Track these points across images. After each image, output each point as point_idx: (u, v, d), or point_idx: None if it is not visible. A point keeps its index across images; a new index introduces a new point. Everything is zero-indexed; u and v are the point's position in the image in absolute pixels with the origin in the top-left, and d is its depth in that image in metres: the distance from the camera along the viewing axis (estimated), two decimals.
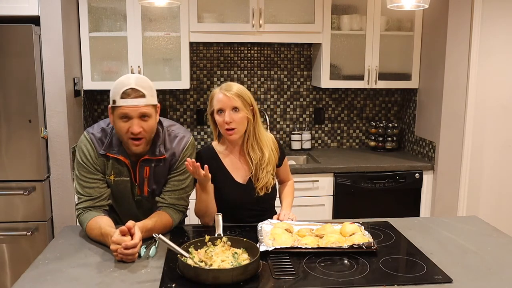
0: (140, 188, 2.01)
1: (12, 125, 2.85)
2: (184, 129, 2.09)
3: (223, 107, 2.02)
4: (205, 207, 2.03)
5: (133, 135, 1.84)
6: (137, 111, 1.82)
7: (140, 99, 1.82)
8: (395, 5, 1.98)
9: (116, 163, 1.95)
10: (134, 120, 1.83)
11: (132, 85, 1.82)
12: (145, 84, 1.86)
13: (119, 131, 1.87)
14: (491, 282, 1.56)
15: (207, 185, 1.97)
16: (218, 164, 2.12)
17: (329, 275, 1.58)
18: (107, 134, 1.95)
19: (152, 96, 1.87)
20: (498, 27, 3.23)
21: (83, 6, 3.19)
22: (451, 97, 3.26)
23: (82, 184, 1.93)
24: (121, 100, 1.81)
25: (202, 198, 2.02)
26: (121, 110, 1.82)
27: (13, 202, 2.90)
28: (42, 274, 1.59)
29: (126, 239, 1.66)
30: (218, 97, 2.04)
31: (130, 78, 1.86)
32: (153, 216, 1.91)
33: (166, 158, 1.98)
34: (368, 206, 3.34)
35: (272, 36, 3.42)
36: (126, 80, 1.84)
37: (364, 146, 3.98)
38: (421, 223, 2.17)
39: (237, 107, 2.02)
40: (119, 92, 1.81)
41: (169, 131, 2.02)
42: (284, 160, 2.27)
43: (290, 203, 2.27)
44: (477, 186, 3.40)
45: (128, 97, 1.81)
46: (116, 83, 1.85)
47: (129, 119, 1.83)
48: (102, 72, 3.36)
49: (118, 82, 1.85)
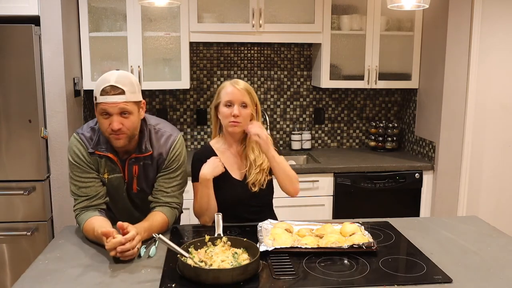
0: (129, 185, 2.01)
1: (12, 125, 2.85)
2: (172, 127, 2.08)
3: (232, 100, 2.03)
4: (206, 203, 2.04)
5: (113, 132, 1.85)
6: (116, 108, 1.83)
7: (119, 96, 1.82)
8: (395, 5, 1.99)
9: (108, 160, 1.96)
10: (114, 116, 1.83)
11: (112, 82, 1.82)
12: (126, 80, 1.85)
13: (101, 127, 1.89)
14: (491, 282, 1.56)
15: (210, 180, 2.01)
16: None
17: (329, 275, 1.58)
18: (95, 132, 1.96)
19: (132, 93, 1.86)
20: (498, 27, 3.23)
21: (83, 6, 3.19)
22: (451, 97, 3.26)
23: (78, 185, 1.94)
24: (100, 97, 1.82)
25: (204, 194, 2.03)
26: (101, 107, 1.83)
27: (13, 202, 2.90)
28: (42, 274, 1.59)
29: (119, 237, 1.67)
30: (227, 90, 2.05)
31: (112, 75, 1.86)
32: (148, 218, 1.92)
33: (154, 157, 1.98)
34: (368, 206, 3.34)
35: (272, 36, 3.42)
36: (108, 77, 1.84)
37: (364, 146, 3.98)
38: (421, 223, 2.17)
39: (245, 102, 2.04)
40: (99, 89, 1.83)
41: (155, 129, 2.02)
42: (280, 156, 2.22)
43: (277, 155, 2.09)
44: (477, 186, 3.40)
45: (107, 94, 1.81)
46: (99, 80, 1.86)
47: (109, 116, 1.84)
48: (102, 72, 3.31)
49: (101, 79, 1.86)
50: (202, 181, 2.02)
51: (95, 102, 1.86)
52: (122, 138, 1.87)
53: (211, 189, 2.03)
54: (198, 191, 2.08)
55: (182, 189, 2.07)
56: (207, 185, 2.02)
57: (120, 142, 1.88)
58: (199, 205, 2.07)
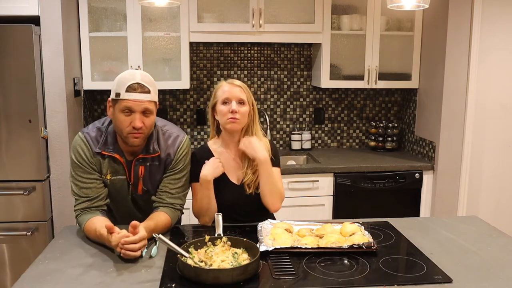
0: (134, 187, 2.01)
1: (12, 125, 2.85)
2: (178, 128, 2.08)
3: (229, 97, 2.03)
4: (207, 204, 2.03)
5: (134, 129, 1.84)
6: (141, 106, 1.83)
7: (145, 95, 1.83)
8: (395, 5, 1.98)
9: (112, 161, 1.95)
10: (137, 114, 1.83)
11: (138, 80, 1.82)
12: (149, 80, 1.88)
13: (120, 125, 1.85)
14: (491, 282, 1.56)
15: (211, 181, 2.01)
16: None
17: (329, 275, 1.58)
18: (102, 133, 1.95)
19: (155, 93, 1.90)
20: (498, 27, 3.23)
21: (83, 6, 3.19)
22: (451, 97, 3.26)
23: (79, 185, 1.93)
24: (126, 94, 1.81)
25: (204, 195, 2.02)
26: (125, 103, 1.81)
27: (13, 202, 2.90)
28: (42, 274, 1.59)
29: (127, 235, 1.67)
30: (224, 88, 2.05)
31: (135, 73, 1.86)
32: (152, 217, 1.91)
33: (161, 158, 1.98)
34: (368, 206, 3.34)
35: (272, 36, 3.42)
36: (131, 75, 1.84)
37: (364, 146, 3.98)
38: (421, 223, 2.17)
39: (243, 100, 2.03)
40: (125, 85, 1.81)
41: (163, 130, 2.02)
42: (276, 167, 2.12)
43: (269, 166, 2.06)
44: (477, 186, 3.40)
45: (134, 91, 1.81)
46: (121, 77, 1.85)
47: (131, 113, 1.83)
48: (102, 72, 3.36)
49: (123, 76, 1.85)
50: (202, 182, 2.02)
51: (116, 98, 1.83)
52: (140, 137, 1.88)
53: (211, 190, 2.02)
54: (197, 191, 2.07)
55: (186, 191, 2.07)
56: (208, 187, 2.01)
57: (138, 141, 1.88)
58: (199, 206, 2.06)
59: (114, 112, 1.86)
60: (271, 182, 2.05)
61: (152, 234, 1.79)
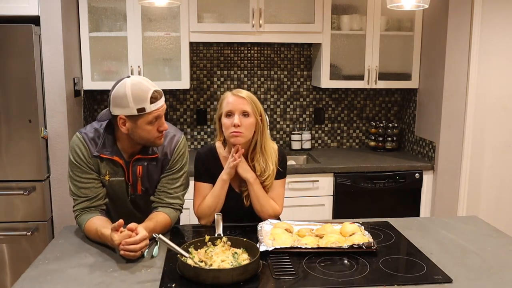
0: (133, 187, 2.01)
1: (12, 125, 2.85)
2: (175, 128, 2.08)
3: (232, 110, 2.00)
4: (219, 204, 2.05)
5: (161, 132, 1.89)
6: (164, 110, 1.89)
7: (163, 98, 1.87)
8: (395, 5, 1.99)
9: (110, 163, 1.95)
10: (163, 118, 1.89)
11: (151, 87, 1.82)
12: (153, 82, 1.89)
13: (147, 135, 1.86)
14: (491, 282, 1.56)
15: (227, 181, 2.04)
16: (218, 165, 2.11)
17: (329, 275, 1.58)
18: (100, 135, 1.94)
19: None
20: (498, 27, 3.23)
21: (83, 6, 3.19)
22: (451, 97, 3.26)
23: (77, 185, 1.93)
24: (152, 105, 1.81)
25: (221, 194, 2.04)
26: (154, 114, 1.83)
27: (13, 202, 2.90)
28: (42, 274, 1.59)
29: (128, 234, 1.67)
30: (228, 100, 2.02)
31: (142, 83, 1.83)
32: (152, 217, 1.92)
33: (159, 158, 1.98)
34: (368, 206, 3.34)
35: (272, 36, 3.41)
36: (144, 86, 1.81)
37: (364, 146, 3.98)
38: (421, 223, 2.17)
39: (247, 111, 2.00)
40: (147, 99, 1.79)
41: None
42: (281, 179, 2.14)
43: (257, 187, 2.08)
44: (477, 186, 3.40)
45: (156, 100, 1.82)
46: (134, 93, 1.78)
47: (157, 119, 1.86)
48: (102, 72, 3.36)
49: (135, 92, 1.78)
50: (219, 181, 2.04)
51: (142, 113, 1.80)
52: (163, 136, 1.93)
53: (226, 190, 2.04)
54: (202, 191, 2.08)
55: (185, 190, 2.06)
56: (224, 186, 2.04)
57: (163, 141, 1.93)
58: (207, 205, 2.06)
59: (136, 126, 1.84)
60: (260, 202, 2.07)
61: (152, 234, 1.79)
